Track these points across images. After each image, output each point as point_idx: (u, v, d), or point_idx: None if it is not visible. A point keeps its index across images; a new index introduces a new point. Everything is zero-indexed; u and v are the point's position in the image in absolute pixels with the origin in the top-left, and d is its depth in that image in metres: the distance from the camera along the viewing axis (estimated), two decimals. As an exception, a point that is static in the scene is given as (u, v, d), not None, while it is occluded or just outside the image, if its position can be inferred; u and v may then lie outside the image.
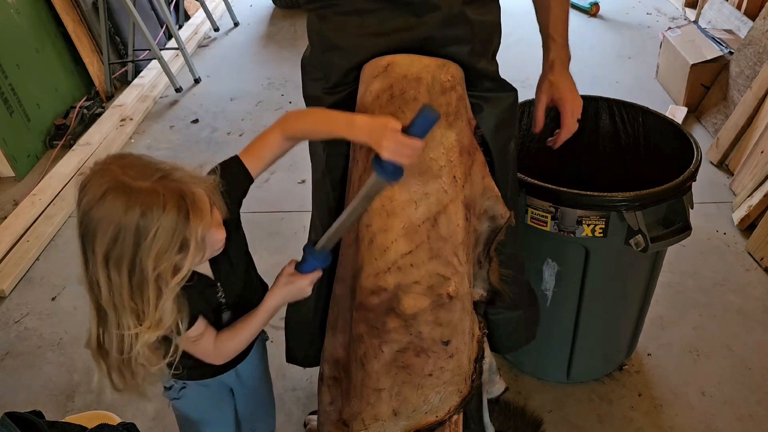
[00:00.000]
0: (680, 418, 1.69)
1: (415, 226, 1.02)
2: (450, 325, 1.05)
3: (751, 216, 2.30)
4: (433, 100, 1.04)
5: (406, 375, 1.05)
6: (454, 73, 1.07)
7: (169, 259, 0.87)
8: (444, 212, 1.04)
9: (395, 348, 1.04)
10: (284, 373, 1.80)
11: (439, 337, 1.04)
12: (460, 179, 1.06)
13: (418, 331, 1.04)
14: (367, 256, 1.04)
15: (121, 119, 3.22)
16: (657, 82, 3.42)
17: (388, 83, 1.04)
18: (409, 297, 1.02)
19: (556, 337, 1.68)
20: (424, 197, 1.03)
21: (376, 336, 1.05)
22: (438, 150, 1.04)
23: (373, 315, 1.04)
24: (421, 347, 1.04)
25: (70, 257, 2.36)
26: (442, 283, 1.03)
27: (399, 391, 1.06)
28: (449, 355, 1.05)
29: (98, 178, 0.86)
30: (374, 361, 1.05)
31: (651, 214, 1.39)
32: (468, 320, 1.08)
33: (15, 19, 2.98)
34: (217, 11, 4.52)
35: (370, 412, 1.07)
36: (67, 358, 1.94)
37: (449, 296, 1.03)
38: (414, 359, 1.04)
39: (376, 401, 1.06)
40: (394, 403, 1.06)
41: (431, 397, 1.06)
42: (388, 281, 1.03)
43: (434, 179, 1.03)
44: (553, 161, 1.75)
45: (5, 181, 2.84)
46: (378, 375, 1.06)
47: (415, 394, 1.06)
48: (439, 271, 1.03)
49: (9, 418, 1.12)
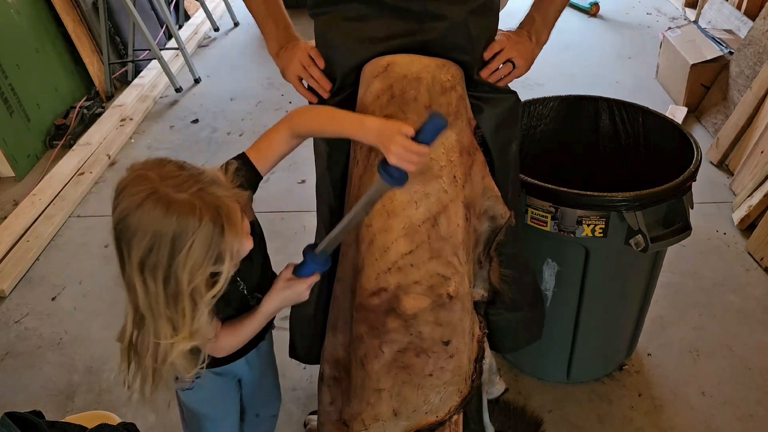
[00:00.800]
0: (680, 418, 1.69)
1: (415, 226, 1.02)
2: (450, 325, 1.05)
3: (751, 216, 2.30)
4: (433, 99, 1.04)
5: (406, 375, 1.05)
6: (454, 73, 1.07)
7: (204, 273, 0.87)
8: (444, 212, 1.04)
9: (395, 348, 1.04)
10: (284, 373, 1.80)
11: (440, 337, 1.04)
12: (460, 179, 1.06)
13: (418, 331, 1.03)
14: (367, 256, 1.04)
15: (121, 119, 3.22)
16: (657, 82, 3.42)
17: (388, 83, 1.04)
18: (409, 297, 1.02)
19: (556, 337, 1.67)
20: (425, 197, 1.03)
21: (376, 336, 1.05)
22: (438, 150, 1.04)
23: (374, 315, 1.04)
24: (422, 347, 1.04)
25: (70, 257, 2.36)
26: (443, 283, 1.03)
27: (399, 391, 1.06)
28: (449, 355, 1.05)
29: (136, 185, 0.86)
30: (374, 361, 1.05)
31: (651, 214, 1.39)
32: (468, 320, 1.08)
33: (15, 19, 2.98)
34: (217, 11, 4.52)
35: (370, 412, 1.07)
36: (67, 358, 1.94)
37: (449, 296, 1.03)
38: (414, 359, 1.04)
39: (376, 401, 1.07)
40: (395, 403, 1.06)
41: (432, 397, 1.06)
42: (388, 281, 1.03)
43: (435, 179, 1.03)
44: (553, 161, 1.75)
45: (5, 181, 2.84)
46: (378, 375, 1.06)
47: (416, 395, 1.06)
48: (440, 271, 1.03)
49: (9, 418, 1.12)
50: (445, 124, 0.89)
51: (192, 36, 4.14)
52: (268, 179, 2.74)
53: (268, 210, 2.57)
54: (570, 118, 1.73)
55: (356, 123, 0.98)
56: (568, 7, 4.47)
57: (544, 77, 3.53)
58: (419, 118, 1.02)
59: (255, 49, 4.11)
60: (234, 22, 4.44)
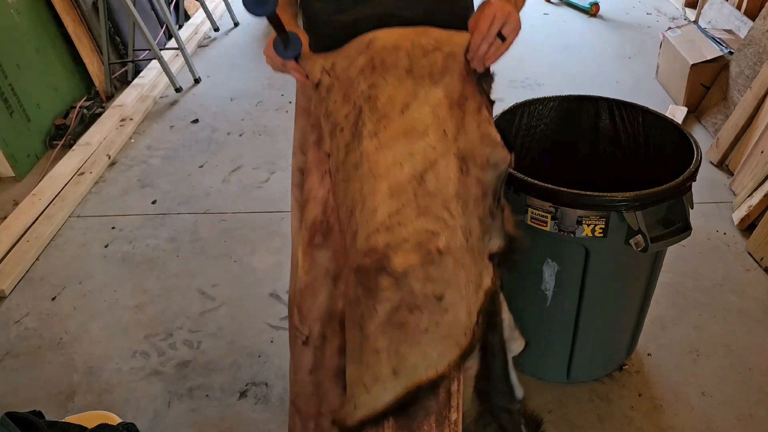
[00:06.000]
0: (680, 418, 1.70)
1: (401, 185, 1.05)
2: (442, 280, 1.05)
3: (751, 216, 2.30)
4: (413, 62, 1.09)
5: (401, 333, 1.06)
6: (437, 36, 1.11)
7: None
8: (432, 169, 1.06)
9: (389, 307, 1.05)
10: (284, 374, 1.81)
11: (432, 292, 1.05)
12: (451, 132, 1.08)
13: (409, 288, 1.04)
14: (360, 220, 1.07)
15: (121, 119, 3.22)
16: (657, 82, 3.43)
17: (370, 56, 1.10)
18: (398, 255, 1.03)
19: (556, 337, 1.68)
20: (410, 157, 1.06)
21: (370, 297, 1.06)
22: (423, 109, 1.08)
23: (367, 276, 1.06)
24: (414, 304, 1.05)
25: (70, 257, 2.36)
26: (431, 239, 1.04)
27: (397, 349, 1.06)
28: (444, 309, 1.06)
29: None
30: (370, 322, 1.07)
31: (651, 214, 1.39)
32: (463, 274, 1.08)
33: (15, 19, 2.98)
34: (217, 11, 4.53)
35: (370, 374, 1.08)
36: (67, 358, 1.94)
37: (439, 251, 1.04)
38: (408, 316, 1.05)
39: (375, 363, 1.08)
40: (393, 362, 1.07)
41: (429, 352, 1.07)
42: (378, 241, 1.04)
43: (419, 138, 1.07)
44: (553, 161, 1.75)
45: (5, 181, 2.84)
46: (375, 336, 1.07)
47: (413, 351, 1.06)
48: (428, 227, 1.05)
49: (9, 418, 1.12)
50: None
51: (192, 36, 4.14)
52: (268, 179, 2.76)
53: (269, 210, 2.57)
54: (570, 118, 1.73)
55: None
56: (568, 7, 4.49)
57: (544, 77, 3.54)
58: (399, 82, 1.09)
59: (255, 49, 4.11)
60: (234, 22, 4.44)
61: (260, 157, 2.94)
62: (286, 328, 1.99)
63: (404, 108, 1.09)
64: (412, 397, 1.06)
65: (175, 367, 1.90)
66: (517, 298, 1.62)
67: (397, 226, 1.04)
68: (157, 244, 2.41)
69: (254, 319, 2.05)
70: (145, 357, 1.93)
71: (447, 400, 1.11)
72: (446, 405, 1.11)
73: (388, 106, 1.09)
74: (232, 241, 2.41)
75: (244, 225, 2.50)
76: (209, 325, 2.04)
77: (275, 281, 2.19)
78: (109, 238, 2.45)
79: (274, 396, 1.79)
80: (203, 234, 2.46)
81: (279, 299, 2.12)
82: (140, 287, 2.20)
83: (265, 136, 3.11)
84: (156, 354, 1.94)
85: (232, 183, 2.77)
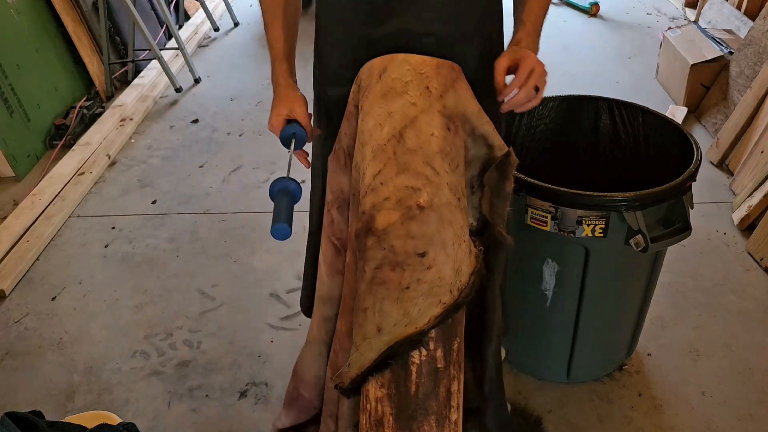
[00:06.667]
0: (680, 418, 1.70)
1: (381, 146, 1.06)
2: (424, 236, 1.05)
3: (751, 216, 2.30)
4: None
5: (384, 290, 1.06)
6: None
7: None
8: (411, 125, 1.06)
9: (373, 266, 1.06)
10: (284, 374, 1.80)
11: (413, 249, 1.05)
12: (436, 89, 1.08)
13: (390, 245, 1.04)
14: (360, 190, 1.09)
15: (121, 119, 3.22)
16: (657, 82, 3.42)
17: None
18: (380, 214, 1.04)
19: (556, 336, 1.68)
20: (388, 117, 1.07)
21: (361, 258, 1.07)
22: (402, 68, 1.09)
23: (358, 239, 1.07)
24: (396, 261, 1.05)
25: (70, 257, 2.36)
26: (411, 195, 1.04)
27: (380, 307, 1.07)
28: (426, 266, 1.06)
29: None
30: (361, 283, 1.08)
31: (651, 214, 1.39)
32: (451, 231, 1.07)
33: (15, 19, 2.98)
34: (217, 11, 4.53)
35: (360, 333, 1.10)
36: (67, 358, 1.94)
37: (420, 207, 1.04)
38: (390, 274, 1.05)
39: (363, 321, 1.09)
40: (377, 319, 1.07)
41: (410, 309, 1.07)
42: (366, 204, 1.06)
43: (397, 97, 1.08)
44: (553, 161, 1.75)
45: (5, 181, 2.84)
46: (363, 295, 1.08)
47: (395, 308, 1.07)
48: (408, 183, 1.05)
49: (9, 418, 1.12)
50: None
51: (192, 36, 4.14)
52: (268, 179, 2.75)
53: (269, 210, 2.57)
54: (570, 118, 1.73)
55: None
56: (568, 7, 4.49)
57: (544, 77, 3.53)
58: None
59: (255, 49, 4.11)
60: (234, 22, 4.44)
61: (260, 157, 2.94)
62: (286, 328, 1.99)
63: (382, 72, 1.11)
64: (393, 352, 1.07)
65: (175, 367, 1.90)
66: (517, 298, 1.63)
67: (379, 186, 1.05)
68: (157, 244, 2.41)
69: (254, 319, 2.05)
70: (145, 357, 1.93)
71: (447, 400, 1.11)
72: (446, 405, 1.11)
73: (369, 78, 1.12)
74: (232, 241, 2.41)
75: (244, 225, 2.50)
76: (209, 325, 2.04)
77: (275, 281, 2.19)
78: (109, 238, 2.45)
79: (274, 396, 1.79)
80: (203, 234, 2.46)
81: (279, 299, 2.12)
82: (140, 287, 2.20)
83: (265, 136, 3.11)
84: (156, 354, 1.94)
85: (232, 183, 2.77)
